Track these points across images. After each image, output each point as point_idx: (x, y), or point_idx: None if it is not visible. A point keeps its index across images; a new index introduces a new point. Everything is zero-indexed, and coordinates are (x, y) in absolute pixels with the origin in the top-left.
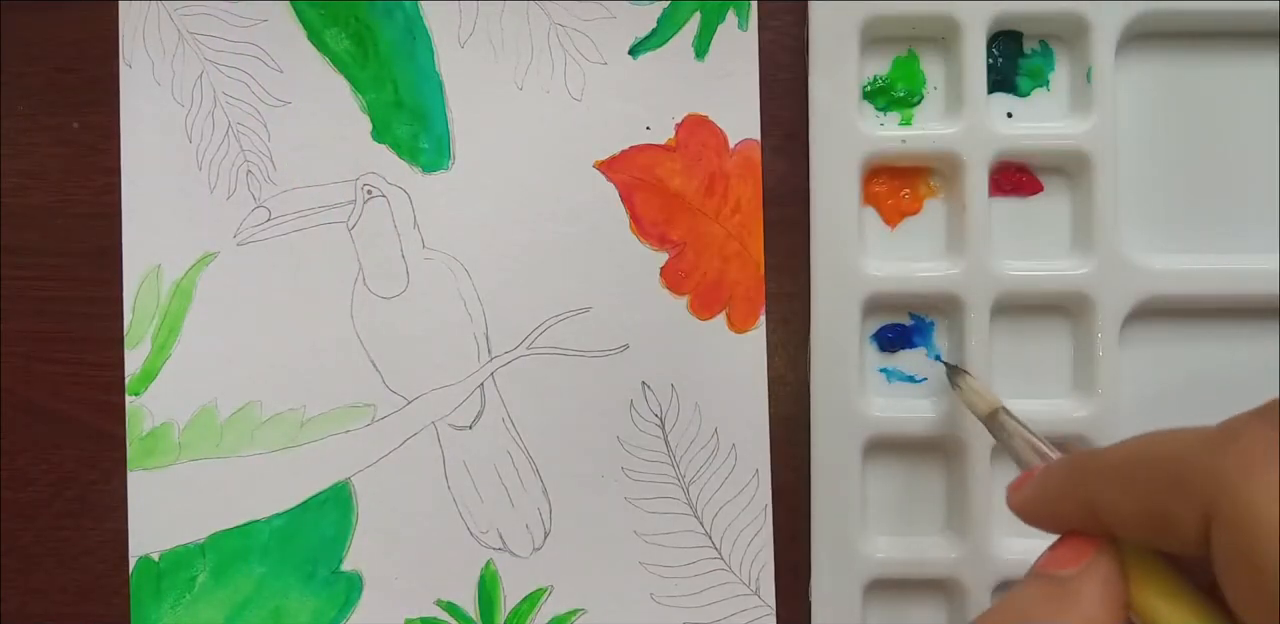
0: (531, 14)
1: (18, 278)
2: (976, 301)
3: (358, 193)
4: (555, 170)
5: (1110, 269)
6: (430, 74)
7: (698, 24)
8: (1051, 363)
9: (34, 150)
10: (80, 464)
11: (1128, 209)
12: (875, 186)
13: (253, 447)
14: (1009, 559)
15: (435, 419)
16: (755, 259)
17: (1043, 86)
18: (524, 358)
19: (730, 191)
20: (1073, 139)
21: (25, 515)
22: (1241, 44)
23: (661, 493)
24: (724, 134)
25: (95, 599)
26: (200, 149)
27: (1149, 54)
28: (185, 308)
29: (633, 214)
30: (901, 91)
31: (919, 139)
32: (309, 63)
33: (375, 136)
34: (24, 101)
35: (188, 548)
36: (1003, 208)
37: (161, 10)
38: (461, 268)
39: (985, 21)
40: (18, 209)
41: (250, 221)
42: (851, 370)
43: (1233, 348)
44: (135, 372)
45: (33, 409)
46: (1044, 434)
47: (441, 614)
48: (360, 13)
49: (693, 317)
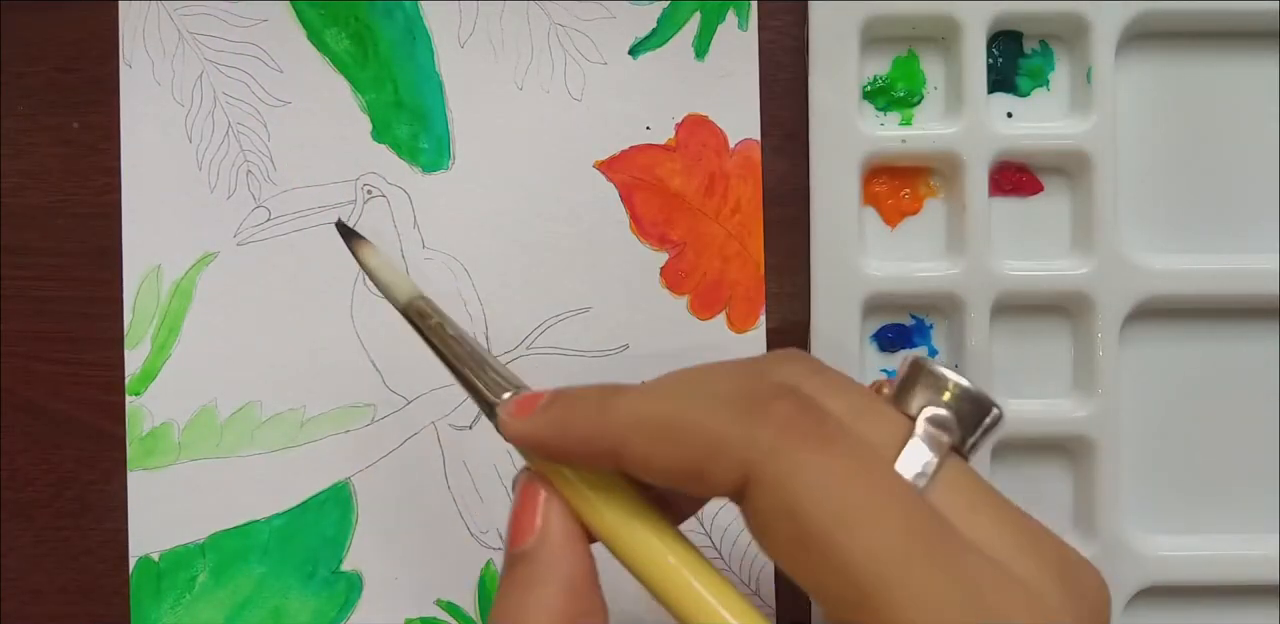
0: (531, 14)
1: (17, 278)
2: (976, 301)
3: (358, 193)
4: (555, 170)
5: (1110, 269)
6: (430, 74)
7: (698, 24)
8: (1051, 363)
9: (34, 150)
10: (80, 464)
11: (1128, 209)
12: (875, 186)
13: (253, 447)
14: None
15: (435, 419)
16: (755, 259)
17: (1043, 86)
18: (524, 358)
19: (730, 191)
20: (1073, 139)
21: (25, 515)
22: (1241, 44)
23: None
24: (724, 134)
25: (95, 599)
26: (200, 149)
27: (1149, 54)
28: (185, 308)
29: (633, 214)
30: (901, 91)
31: (919, 139)
32: (309, 63)
33: (375, 136)
34: (24, 101)
35: (188, 548)
36: (1003, 208)
37: (161, 10)
38: (461, 268)
39: (985, 21)
40: (17, 209)
41: (250, 222)
42: (851, 370)
43: (1233, 348)
44: (135, 372)
45: (33, 409)
46: (1044, 435)
47: (441, 614)
48: (360, 13)
49: (693, 317)
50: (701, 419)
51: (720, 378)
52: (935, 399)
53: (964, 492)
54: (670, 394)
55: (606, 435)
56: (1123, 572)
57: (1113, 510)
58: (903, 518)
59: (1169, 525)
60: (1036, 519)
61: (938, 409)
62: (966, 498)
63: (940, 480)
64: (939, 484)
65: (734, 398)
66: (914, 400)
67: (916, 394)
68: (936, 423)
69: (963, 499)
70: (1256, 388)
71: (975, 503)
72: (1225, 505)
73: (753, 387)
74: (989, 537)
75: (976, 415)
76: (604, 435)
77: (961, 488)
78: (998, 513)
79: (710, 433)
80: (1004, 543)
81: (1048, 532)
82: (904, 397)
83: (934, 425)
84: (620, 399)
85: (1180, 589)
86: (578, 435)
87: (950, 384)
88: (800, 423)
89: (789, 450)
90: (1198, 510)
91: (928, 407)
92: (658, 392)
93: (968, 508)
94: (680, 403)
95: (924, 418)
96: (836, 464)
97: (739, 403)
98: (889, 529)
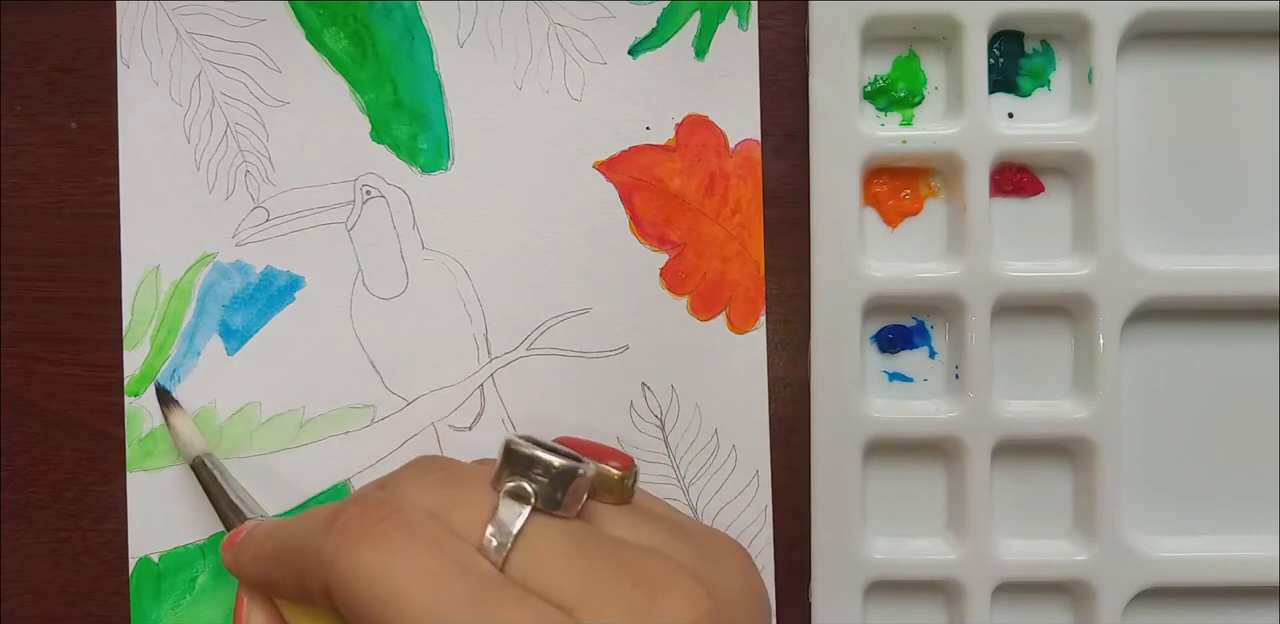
0: (531, 14)
1: (17, 278)
2: (977, 302)
3: (356, 193)
4: (555, 170)
5: (1111, 270)
6: (429, 74)
7: (697, 24)
8: (1052, 364)
9: (32, 150)
10: (80, 465)
11: (1129, 209)
12: (876, 187)
13: (252, 447)
14: (1009, 560)
15: (435, 420)
16: (755, 260)
17: (1044, 86)
18: (524, 359)
19: (730, 192)
20: (1074, 139)
21: (25, 516)
22: (1242, 44)
23: (661, 494)
24: (724, 134)
25: (95, 600)
26: (199, 149)
27: (1150, 54)
28: (184, 308)
29: (632, 215)
30: (902, 91)
31: (920, 139)
32: (308, 63)
33: (374, 137)
34: (22, 101)
35: (187, 549)
36: (1003, 208)
37: (159, 10)
38: (461, 268)
39: (986, 21)
40: (16, 209)
41: (249, 222)
42: (852, 371)
43: (1233, 348)
44: (134, 372)
45: (32, 410)
46: (1044, 437)
47: None
48: (359, 12)
49: (693, 317)
50: (295, 542)
51: (340, 501)
52: (520, 473)
53: (546, 547)
54: (286, 526)
55: (258, 570)
56: (1123, 573)
57: (1113, 512)
58: (439, 583)
59: (1169, 526)
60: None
61: (518, 481)
62: (548, 552)
63: (522, 542)
64: (521, 546)
65: (324, 515)
66: (501, 479)
67: (504, 473)
68: (516, 495)
69: (543, 554)
70: (1256, 389)
71: (559, 554)
72: (1225, 506)
73: (344, 502)
74: (563, 583)
75: (557, 476)
76: (257, 570)
77: (544, 544)
78: (578, 560)
79: (300, 552)
80: (575, 586)
81: (654, 567)
82: (498, 477)
83: (513, 498)
84: (264, 536)
85: (1180, 590)
86: (247, 572)
87: (527, 456)
88: (356, 525)
89: (344, 548)
90: (1198, 511)
91: (509, 481)
92: (283, 524)
93: (550, 559)
94: (287, 532)
95: (504, 493)
96: (381, 550)
97: (324, 518)
98: (425, 593)
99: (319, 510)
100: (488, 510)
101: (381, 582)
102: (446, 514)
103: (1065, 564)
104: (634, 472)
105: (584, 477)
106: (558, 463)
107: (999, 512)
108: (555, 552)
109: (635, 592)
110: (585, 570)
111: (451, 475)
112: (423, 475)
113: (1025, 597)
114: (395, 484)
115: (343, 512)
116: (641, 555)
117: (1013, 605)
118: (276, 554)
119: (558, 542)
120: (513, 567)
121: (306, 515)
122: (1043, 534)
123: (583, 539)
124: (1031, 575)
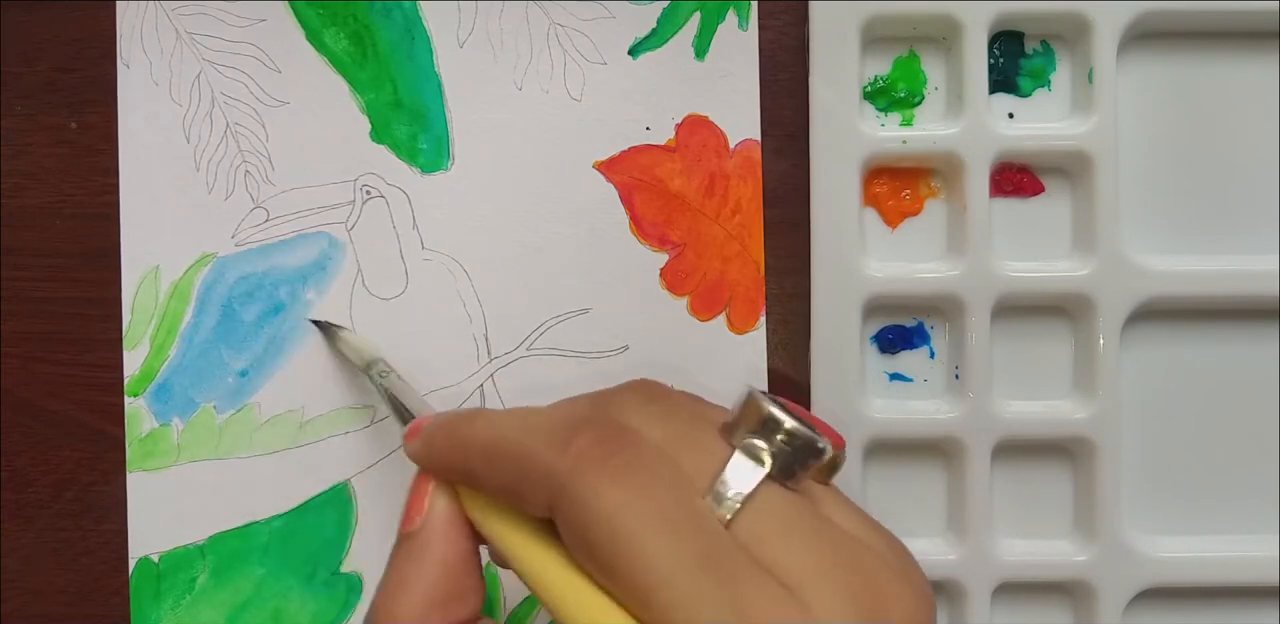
0: (531, 14)
1: (17, 278)
2: (977, 303)
3: (356, 193)
4: (555, 171)
5: (1111, 270)
6: (429, 74)
7: (697, 24)
8: (1052, 364)
9: (32, 150)
10: (80, 465)
11: (1129, 210)
12: (876, 187)
13: (252, 448)
14: (1009, 560)
15: None
16: (755, 260)
17: (1044, 87)
18: (523, 359)
19: (730, 192)
20: (1074, 139)
21: (25, 516)
22: (1242, 44)
23: None
24: (724, 134)
25: (95, 600)
26: (198, 149)
27: (1150, 54)
28: (184, 308)
29: (632, 215)
30: (902, 92)
31: (920, 139)
32: (307, 63)
33: (374, 137)
34: (22, 101)
35: (187, 549)
36: (1004, 208)
37: (159, 10)
38: (461, 268)
39: (986, 21)
40: (16, 209)
41: (249, 222)
42: (851, 371)
43: (1233, 348)
44: (134, 373)
45: (32, 410)
46: (1044, 437)
47: None
48: (359, 12)
49: (693, 317)
50: (517, 448)
51: (558, 409)
52: (759, 431)
53: (775, 518)
54: (504, 424)
55: (455, 456)
56: (1123, 573)
57: (1113, 512)
58: (677, 532)
59: (1169, 526)
60: (871, 548)
61: (756, 440)
62: (777, 524)
63: (751, 507)
64: (749, 510)
65: (552, 429)
66: (738, 432)
67: (741, 426)
68: (751, 453)
69: (772, 525)
70: (1257, 389)
71: (788, 529)
72: (1225, 506)
73: (572, 419)
74: (791, 560)
75: (800, 448)
76: (454, 456)
77: (773, 514)
78: (807, 539)
79: (523, 459)
80: (805, 567)
81: (872, 561)
82: (733, 428)
83: (748, 456)
84: (470, 425)
85: (1180, 590)
86: (439, 456)
87: (774, 418)
88: (594, 453)
89: (582, 477)
90: (1198, 511)
91: (748, 438)
92: (497, 420)
93: (778, 533)
94: (507, 432)
95: (739, 449)
96: (622, 488)
97: (555, 433)
98: (663, 542)
99: (535, 416)
100: (717, 462)
101: (624, 522)
102: (675, 454)
103: (1065, 564)
104: (844, 453)
105: (825, 453)
106: (804, 433)
107: (999, 512)
108: (781, 526)
109: (865, 593)
110: (813, 553)
111: (676, 409)
112: (645, 403)
113: (1025, 597)
114: (614, 405)
115: (577, 435)
116: (860, 548)
117: (1013, 606)
118: (487, 449)
119: (784, 515)
120: (738, 530)
121: (524, 420)
122: (1043, 534)
123: (809, 518)
124: (1031, 576)
